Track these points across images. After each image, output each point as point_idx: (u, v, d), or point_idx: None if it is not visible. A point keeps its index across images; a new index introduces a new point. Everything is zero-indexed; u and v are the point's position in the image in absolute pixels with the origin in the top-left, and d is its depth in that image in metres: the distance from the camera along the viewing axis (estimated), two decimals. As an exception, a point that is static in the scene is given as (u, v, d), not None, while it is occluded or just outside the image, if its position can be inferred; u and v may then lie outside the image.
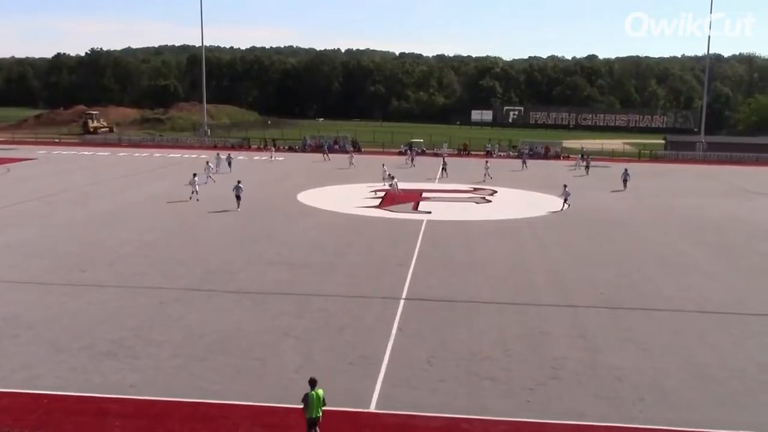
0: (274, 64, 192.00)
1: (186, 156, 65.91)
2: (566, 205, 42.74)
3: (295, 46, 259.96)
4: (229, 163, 59.20)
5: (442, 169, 59.65)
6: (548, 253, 31.67)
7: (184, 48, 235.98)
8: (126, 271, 26.63)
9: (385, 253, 30.79)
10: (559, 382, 17.24)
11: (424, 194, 48.41)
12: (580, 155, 73.44)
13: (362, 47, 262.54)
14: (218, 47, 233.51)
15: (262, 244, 32.03)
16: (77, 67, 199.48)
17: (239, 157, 69.80)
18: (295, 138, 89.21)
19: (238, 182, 40.84)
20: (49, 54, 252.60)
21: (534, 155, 79.80)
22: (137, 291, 24.03)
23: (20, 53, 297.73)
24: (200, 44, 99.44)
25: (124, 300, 23.04)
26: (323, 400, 13.85)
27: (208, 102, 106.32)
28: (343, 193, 48.36)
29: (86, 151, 77.55)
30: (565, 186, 43.93)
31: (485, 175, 56.94)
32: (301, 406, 13.85)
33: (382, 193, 48.03)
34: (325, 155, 71.94)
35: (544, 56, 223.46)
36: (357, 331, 20.55)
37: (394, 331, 20.49)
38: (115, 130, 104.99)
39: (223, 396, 15.97)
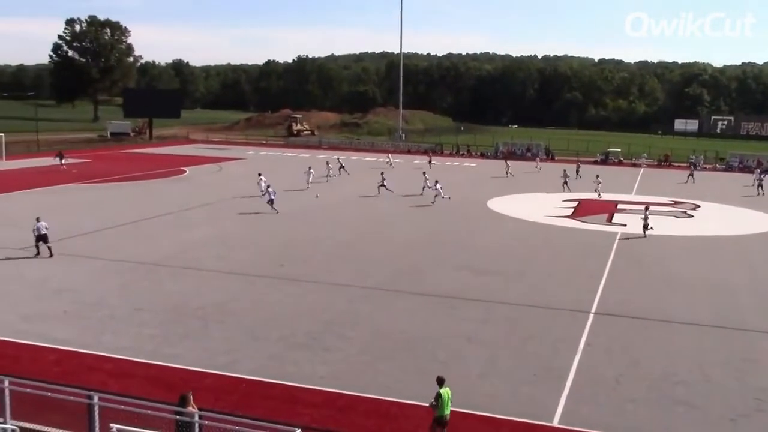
0: (469, 70, 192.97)
1: (380, 160, 67.87)
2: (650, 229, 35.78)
3: (491, 53, 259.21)
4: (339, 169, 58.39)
5: (564, 183, 52.65)
6: (756, 275, 29.25)
7: (383, 55, 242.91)
8: (320, 267, 27.92)
9: (576, 264, 29.92)
10: (765, 416, 15.87)
11: (620, 206, 46.46)
12: (759, 169, 61.07)
13: (560, 53, 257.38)
14: (416, 54, 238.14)
15: (451, 248, 32.27)
16: (285, 74, 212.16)
17: (432, 162, 70.76)
18: (488, 144, 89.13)
19: (268, 187, 41.01)
20: (260, 61, 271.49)
21: (744, 168, 74.23)
22: (330, 287, 25.11)
23: (235, 60, 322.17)
24: (399, 51, 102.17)
25: (317, 295, 24.19)
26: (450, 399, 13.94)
27: (403, 107, 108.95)
28: (534, 201, 47.53)
29: (289, 153, 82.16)
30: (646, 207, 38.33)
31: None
32: (434, 404, 13.83)
33: (576, 203, 46.75)
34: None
35: (760, 62, 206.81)
36: (543, 343, 20.15)
37: (581, 346, 19.87)
38: (316, 133, 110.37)
39: (406, 395, 16.26)
